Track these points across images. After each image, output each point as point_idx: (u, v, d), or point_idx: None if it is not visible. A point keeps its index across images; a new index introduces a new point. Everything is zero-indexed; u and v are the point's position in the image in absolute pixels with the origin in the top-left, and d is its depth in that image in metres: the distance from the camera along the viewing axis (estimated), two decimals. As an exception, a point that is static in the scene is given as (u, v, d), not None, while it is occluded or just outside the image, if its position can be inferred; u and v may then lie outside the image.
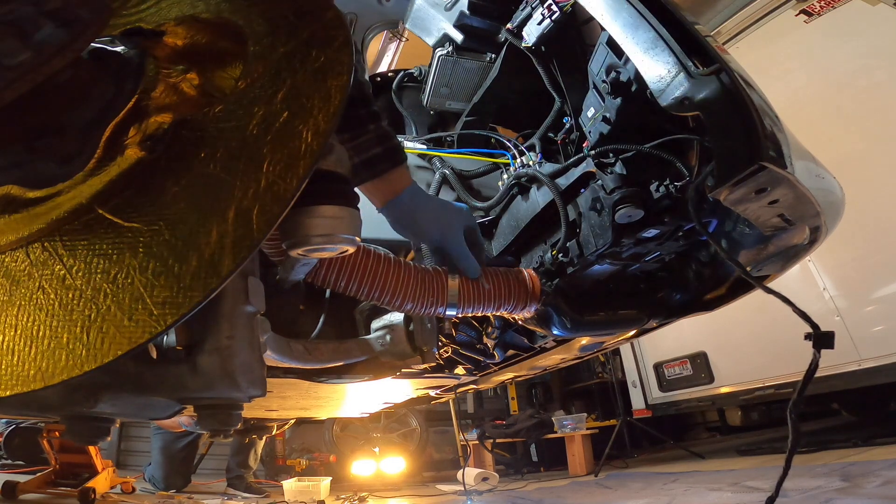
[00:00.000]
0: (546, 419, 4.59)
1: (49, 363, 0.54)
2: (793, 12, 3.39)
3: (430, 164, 1.58)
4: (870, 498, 1.59)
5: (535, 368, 1.82)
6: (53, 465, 3.13)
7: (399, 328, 1.20)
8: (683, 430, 5.68)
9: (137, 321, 0.54)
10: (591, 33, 1.21)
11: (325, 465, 4.76)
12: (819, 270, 3.09)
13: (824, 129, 3.03)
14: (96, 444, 0.82)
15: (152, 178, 0.61)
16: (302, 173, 0.58)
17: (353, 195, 0.82)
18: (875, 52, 2.97)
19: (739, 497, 1.99)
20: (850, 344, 2.85)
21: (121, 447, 4.71)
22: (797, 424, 0.73)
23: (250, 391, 0.76)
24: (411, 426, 5.20)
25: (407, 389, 1.88)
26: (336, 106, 0.63)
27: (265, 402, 1.64)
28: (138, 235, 0.58)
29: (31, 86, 0.51)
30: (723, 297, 1.15)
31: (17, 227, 0.61)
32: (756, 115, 0.73)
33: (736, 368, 3.65)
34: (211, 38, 0.71)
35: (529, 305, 1.11)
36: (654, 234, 1.02)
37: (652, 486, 2.74)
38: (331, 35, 0.69)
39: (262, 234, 0.56)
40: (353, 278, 0.95)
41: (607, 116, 1.01)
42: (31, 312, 0.57)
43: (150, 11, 0.74)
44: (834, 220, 0.96)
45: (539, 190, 1.22)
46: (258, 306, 0.81)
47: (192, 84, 0.67)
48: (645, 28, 0.85)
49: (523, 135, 1.40)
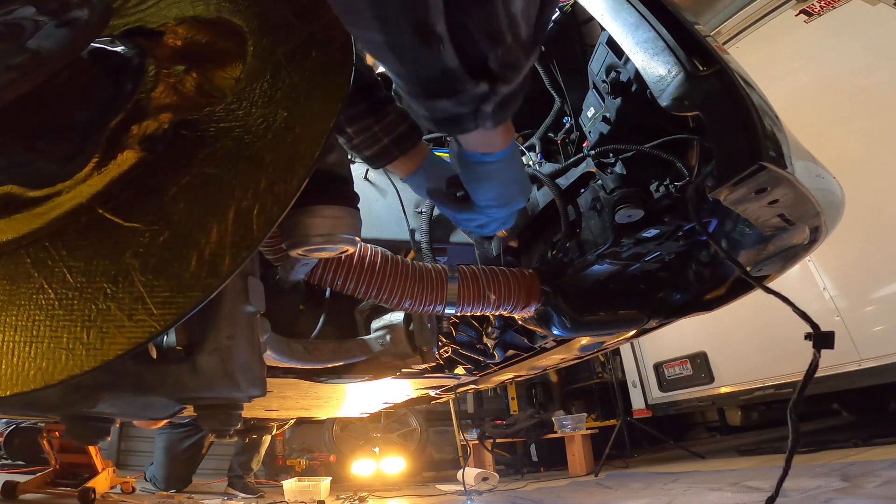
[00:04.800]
0: (546, 419, 4.59)
1: (49, 363, 0.54)
2: (793, 12, 3.39)
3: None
4: (870, 498, 1.59)
5: (535, 368, 1.82)
6: (53, 465, 3.13)
7: (399, 328, 1.20)
8: (683, 430, 5.67)
9: (137, 321, 0.54)
10: (591, 33, 1.21)
11: (325, 465, 4.76)
12: (819, 270, 3.09)
13: (824, 129, 3.03)
14: (96, 444, 0.82)
15: (152, 178, 0.61)
16: (302, 173, 0.58)
17: (353, 195, 0.82)
18: (875, 52, 2.97)
19: (739, 497, 1.99)
20: (850, 344, 2.84)
21: (121, 447, 4.70)
22: (797, 424, 0.73)
23: (250, 391, 0.76)
24: (411, 426, 5.20)
25: (407, 389, 1.88)
26: (336, 105, 0.63)
27: (265, 402, 1.64)
28: (138, 235, 0.58)
29: (31, 86, 0.51)
30: (723, 297, 1.15)
31: (17, 227, 0.61)
32: (756, 115, 0.73)
33: (736, 368, 3.65)
34: (211, 38, 0.71)
35: (529, 305, 1.11)
36: (654, 234, 1.02)
37: (652, 486, 2.74)
38: (331, 35, 0.69)
39: (262, 234, 0.56)
40: (352, 277, 0.95)
41: (607, 116, 1.01)
42: (31, 312, 0.57)
43: (150, 11, 0.74)
44: (834, 220, 0.96)
45: (539, 190, 1.22)
46: (258, 306, 0.81)
47: (192, 84, 0.67)
48: (645, 28, 0.85)
49: (523, 134, 1.40)
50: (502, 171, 0.82)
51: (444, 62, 0.54)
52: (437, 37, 0.51)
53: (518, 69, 0.57)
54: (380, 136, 0.93)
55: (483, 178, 0.83)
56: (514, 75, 0.58)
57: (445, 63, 0.54)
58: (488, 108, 0.60)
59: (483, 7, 0.50)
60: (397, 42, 0.52)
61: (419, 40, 0.51)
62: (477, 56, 0.55)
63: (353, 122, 0.92)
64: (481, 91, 0.57)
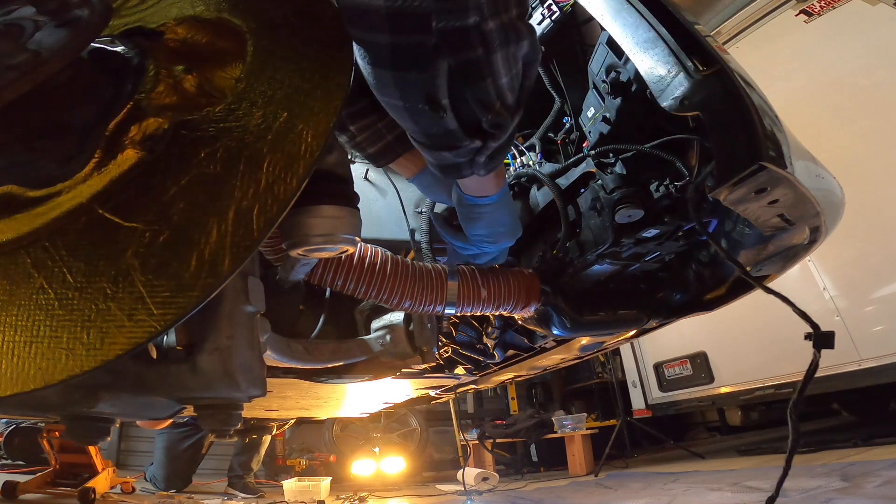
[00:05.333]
0: (546, 419, 4.59)
1: (49, 363, 0.54)
2: (793, 12, 3.39)
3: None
4: (870, 498, 1.59)
5: (535, 368, 1.82)
6: (53, 465, 3.14)
7: (399, 328, 1.20)
8: (683, 430, 5.68)
9: (137, 321, 0.54)
10: (591, 33, 1.21)
11: (325, 465, 4.76)
12: (819, 270, 3.09)
13: (824, 129, 3.03)
14: (96, 444, 0.82)
15: (152, 178, 0.61)
16: (302, 173, 0.58)
17: (353, 195, 0.82)
18: (875, 52, 2.97)
19: (739, 497, 1.99)
20: (850, 344, 2.84)
21: (121, 447, 4.71)
22: (797, 424, 0.73)
23: (250, 391, 0.76)
24: (411, 426, 5.20)
25: (407, 389, 1.88)
26: (336, 105, 0.63)
27: (265, 402, 1.64)
28: (138, 235, 0.58)
29: (31, 86, 0.51)
30: (723, 297, 1.15)
31: (17, 227, 0.61)
32: (756, 115, 0.73)
33: (736, 368, 3.65)
34: (211, 38, 0.71)
35: (529, 305, 1.11)
36: (654, 234, 1.02)
37: (652, 486, 2.74)
38: (331, 35, 0.69)
39: (262, 234, 0.56)
40: (352, 277, 0.95)
41: (607, 116, 1.01)
42: (31, 312, 0.57)
43: (150, 11, 0.74)
44: (834, 220, 0.96)
45: (539, 190, 1.22)
46: (258, 306, 0.81)
47: (192, 84, 0.67)
48: (645, 28, 0.85)
49: (523, 134, 1.40)
50: (493, 213, 0.94)
51: (447, 124, 0.69)
52: (442, 106, 0.66)
53: (505, 128, 0.71)
54: (383, 133, 0.95)
55: (476, 217, 0.95)
56: (501, 133, 0.72)
57: (447, 125, 0.69)
58: (481, 158, 0.75)
59: (477, 85, 0.65)
60: (413, 107, 0.67)
61: (429, 108, 0.66)
62: (472, 119, 0.70)
63: (356, 119, 0.93)
64: (475, 146, 0.73)
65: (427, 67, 0.62)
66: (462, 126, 0.70)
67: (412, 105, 0.67)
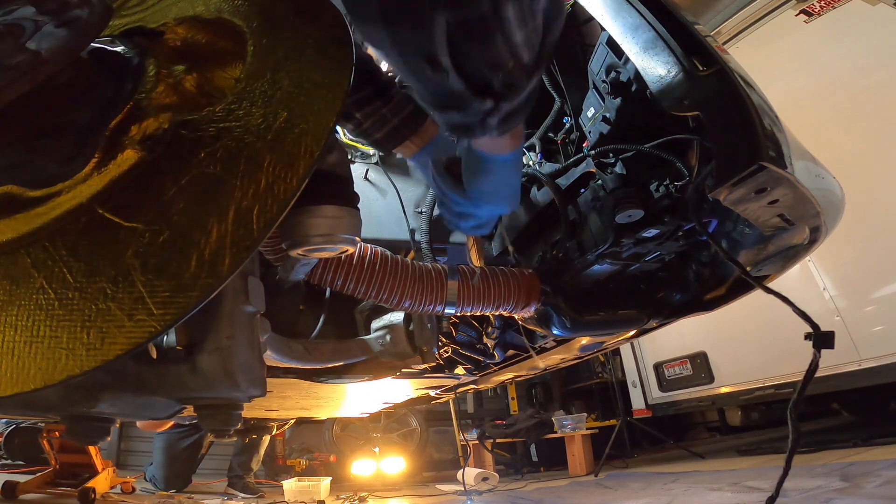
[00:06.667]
0: (546, 419, 4.59)
1: (49, 363, 0.54)
2: (793, 12, 3.39)
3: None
4: (870, 498, 1.59)
5: (535, 368, 1.82)
6: (53, 465, 3.13)
7: (399, 328, 1.20)
8: (683, 430, 5.67)
9: (137, 321, 0.54)
10: (591, 33, 1.21)
11: (325, 465, 4.76)
12: (819, 270, 3.09)
13: (824, 129, 3.03)
14: (96, 444, 0.82)
15: (152, 178, 0.61)
16: (302, 173, 0.58)
17: (354, 195, 0.82)
18: (875, 52, 2.97)
19: (739, 497, 1.99)
20: (850, 344, 2.84)
21: (121, 447, 4.71)
22: (797, 424, 0.73)
23: (250, 391, 0.76)
24: (411, 426, 5.20)
25: (407, 389, 1.88)
26: (336, 105, 0.63)
27: (265, 402, 1.63)
28: (138, 235, 0.58)
29: (31, 86, 0.51)
30: (723, 297, 1.15)
31: (17, 227, 0.61)
32: (756, 114, 0.73)
33: (736, 368, 3.65)
34: (211, 38, 0.71)
35: (529, 305, 1.11)
36: (654, 234, 1.02)
37: (652, 486, 2.73)
38: (330, 35, 0.69)
39: (262, 234, 0.56)
40: (352, 277, 0.95)
41: (607, 116, 1.01)
42: (31, 312, 0.57)
43: (150, 11, 0.74)
44: (834, 220, 0.96)
45: (539, 190, 1.22)
46: (258, 306, 0.81)
47: (192, 84, 0.67)
48: (645, 28, 0.85)
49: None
50: (499, 172, 0.88)
51: (451, 84, 0.63)
52: (443, 65, 0.61)
53: (519, 89, 0.66)
54: (389, 118, 0.95)
55: (482, 172, 0.89)
56: (515, 94, 0.66)
57: (451, 85, 0.64)
58: (493, 120, 0.69)
59: (484, 44, 0.59)
60: (413, 67, 0.63)
61: (430, 67, 0.61)
62: (481, 79, 0.64)
63: (361, 106, 0.93)
64: (486, 107, 0.66)
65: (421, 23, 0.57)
66: (469, 86, 0.64)
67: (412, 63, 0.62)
